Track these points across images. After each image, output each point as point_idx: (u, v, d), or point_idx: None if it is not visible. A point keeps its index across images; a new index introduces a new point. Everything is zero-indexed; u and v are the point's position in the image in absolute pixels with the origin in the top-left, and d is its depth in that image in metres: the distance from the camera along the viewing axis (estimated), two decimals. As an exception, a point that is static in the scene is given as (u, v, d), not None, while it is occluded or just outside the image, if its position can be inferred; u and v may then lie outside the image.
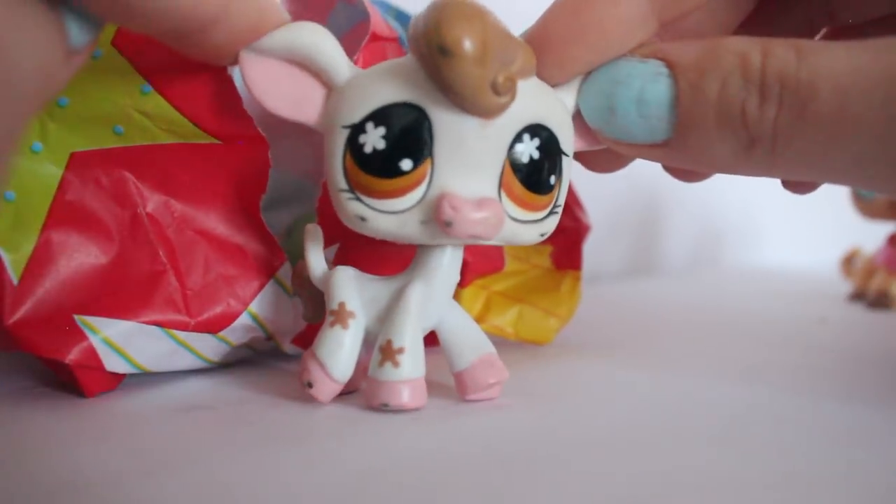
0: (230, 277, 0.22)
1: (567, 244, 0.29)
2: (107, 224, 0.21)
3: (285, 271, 0.23)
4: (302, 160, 0.28)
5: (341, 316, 0.20)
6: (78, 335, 0.20)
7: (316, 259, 0.21)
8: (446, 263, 0.20)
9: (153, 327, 0.21)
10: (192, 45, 0.17)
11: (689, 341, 0.31)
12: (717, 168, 0.18)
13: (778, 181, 0.20)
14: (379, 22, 0.24)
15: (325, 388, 0.19)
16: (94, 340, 0.20)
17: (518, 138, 0.18)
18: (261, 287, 0.22)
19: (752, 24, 0.21)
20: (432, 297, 0.20)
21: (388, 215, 0.18)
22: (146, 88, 0.20)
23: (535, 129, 0.18)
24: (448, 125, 0.17)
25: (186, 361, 0.22)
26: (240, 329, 0.22)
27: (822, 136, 0.16)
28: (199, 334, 0.22)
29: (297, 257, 0.24)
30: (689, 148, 0.18)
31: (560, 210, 0.20)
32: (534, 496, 0.14)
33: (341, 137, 0.18)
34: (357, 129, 0.18)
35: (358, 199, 0.18)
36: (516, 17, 0.19)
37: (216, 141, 0.21)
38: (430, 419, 0.19)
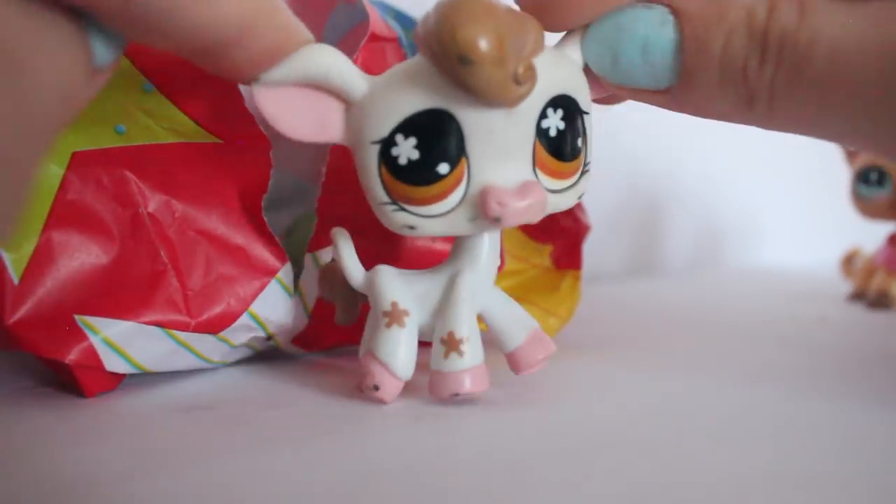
0: (231, 277, 0.22)
1: (567, 244, 0.29)
2: (108, 224, 0.21)
3: (286, 271, 0.23)
4: (302, 160, 0.28)
5: (396, 315, 0.20)
6: (78, 335, 0.20)
7: (353, 263, 0.21)
8: (487, 249, 0.20)
9: (153, 327, 0.21)
10: (212, 63, 0.17)
11: (689, 341, 0.31)
12: (718, 118, 0.18)
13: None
14: (378, 22, 0.24)
15: (391, 389, 0.20)
16: (95, 340, 0.20)
17: (543, 114, 0.18)
18: (262, 287, 0.22)
19: None
20: (479, 284, 0.20)
21: (435, 219, 0.18)
22: (148, 87, 0.20)
23: (558, 101, 0.18)
24: (476, 122, 0.18)
25: (186, 361, 0.22)
26: (240, 329, 0.22)
27: (815, 97, 0.16)
28: (200, 334, 0.22)
29: (298, 257, 0.24)
30: (691, 96, 0.18)
31: (590, 167, 0.20)
32: (533, 496, 0.14)
33: (373, 153, 0.18)
34: (387, 143, 0.18)
35: (402, 209, 0.18)
36: None
37: (218, 140, 0.21)
38: (429, 419, 0.19)
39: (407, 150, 0.18)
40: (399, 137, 0.18)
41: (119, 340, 0.20)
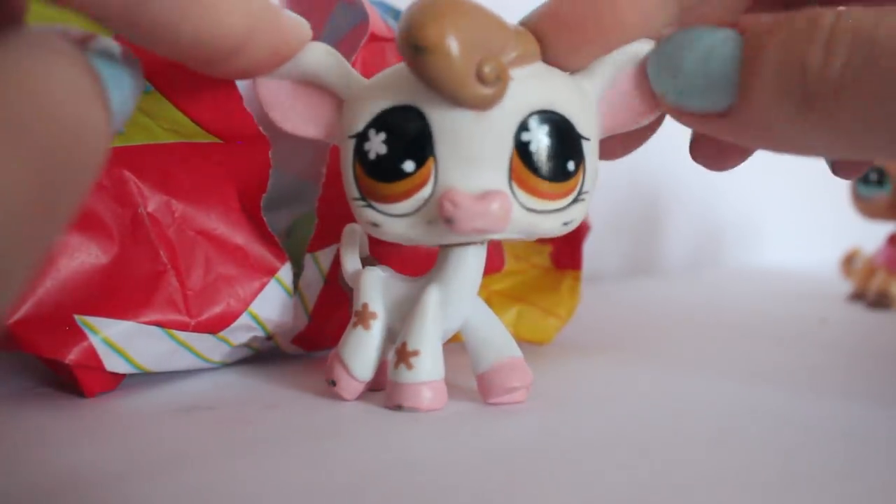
0: (231, 277, 0.22)
1: (567, 244, 0.29)
2: (107, 224, 0.21)
3: (286, 271, 0.23)
4: (302, 160, 0.28)
5: (363, 317, 0.20)
6: (78, 335, 0.20)
7: (350, 258, 0.21)
8: (466, 264, 0.19)
9: (153, 327, 0.21)
10: (216, 70, 0.17)
11: (689, 341, 0.31)
12: (774, 138, 0.17)
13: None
14: (378, 22, 0.24)
15: (349, 387, 0.20)
16: (95, 340, 0.20)
17: (524, 126, 0.18)
18: (261, 287, 0.22)
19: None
20: (451, 299, 0.20)
21: (397, 219, 0.18)
22: (147, 87, 0.20)
23: (545, 115, 0.18)
24: (445, 122, 0.17)
25: (186, 361, 0.22)
26: (240, 329, 0.22)
27: (883, 92, 0.15)
28: (200, 334, 0.22)
29: (298, 257, 0.24)
30: (750, 113, 0.17)
31: (587, 197, 0.19)
32: (533, 496, 0.14)
33: (349, 147, 0.18)
34: (362, 138, 0.18)
35: (370, 205, 0.18)
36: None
37: (217, 140, 0.21)
38: (428, 421, 0.19)
39: (377, 144, 0.18)
40: (371, 132, 0.18)
41: (119, 340, 0.20)
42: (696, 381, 0.23)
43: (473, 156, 0.18)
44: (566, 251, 0.30)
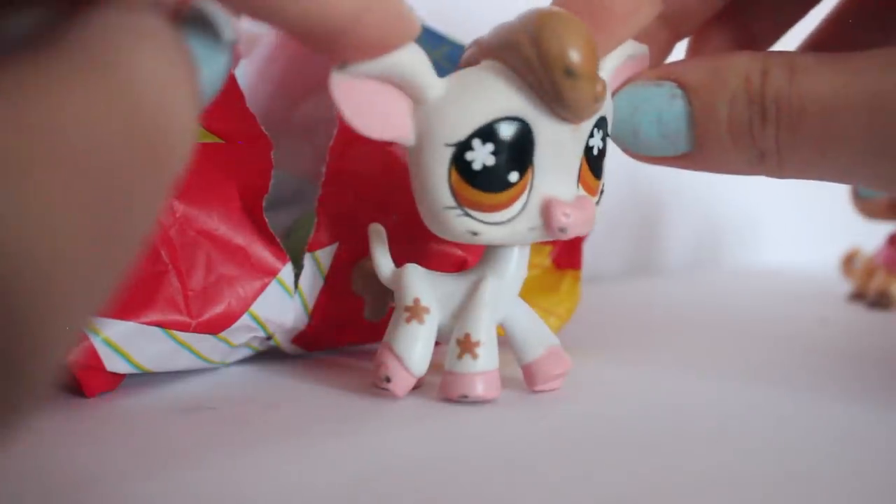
0: (232, 278, 0.22)
1: (567, 243, 0.29)
2: (107, 224, 0.21)
3: (287, 272, 0.23)
4: (302, 160, 0.28)
5: (417, 311, 0.20)
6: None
7: (383, 259, 0.22)
8: (516, 260, 0.20)
9: (154, 328, 0.21)
10: (322, 48, 0.16)
11: (689, 341, 0.31)
12: (736, 173, 0.20)
13: (778, 181, 0.21)
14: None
15: (403, 383, 0.20)
16: (95, 341, 0.20)
17: (591, 133, 0.19)
18: (263, 287, 0.22)
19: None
20: (503, 293, 0.20)
21: (498, 226, 0.19)
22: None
23: (601, 122, 0.19)
24: (549, 133, 0.18)
25: (187, 361, 0.22)
26: (240, 329, 0.22)
27: (814, 150, 0.18)
28: (200, 335, 0.22)
29: (298, 257, 0.24)
30: (709, 159, 0.19)
31: (604, 187, 0.21)
32: (534, 494, 0.14)
33: (445, 155, 0.18)
34: (463, 147, 0.18)
35: (467, 214, 0.19)
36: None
37: (219, 140, 0.21)
38: (431, 419, 0.19)
39: (483, 155, 0.18)
40: (476, 142, 0.18)
41: (119, 340, 0.20)
42: (695, 381, 0.23)
43: (565, 164, 0.19)
44: (566, 251, 0.30)
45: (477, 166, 0.18)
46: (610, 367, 0.25)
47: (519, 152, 0.18)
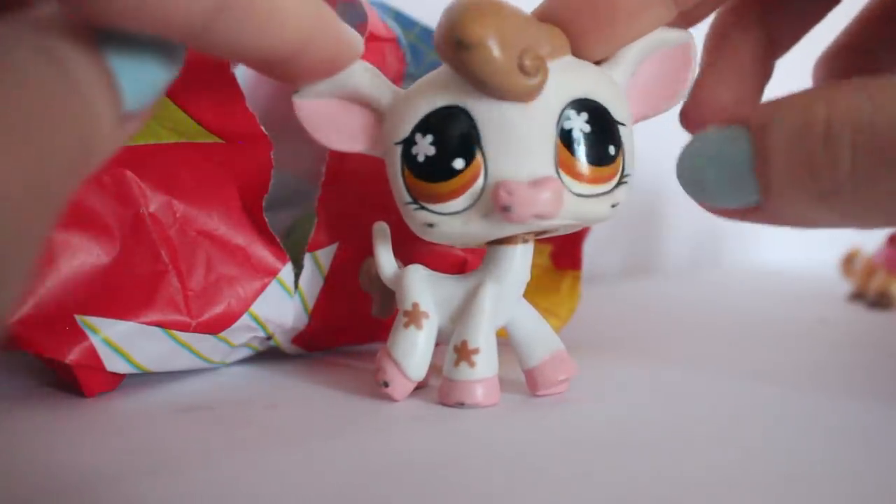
0: (232, 278, 0.22)
1: (567, 244, 0.29)
2: (109, 224, 0.21)
3: (287, 272, 0.23)
4: (302, 160, 0.28)
5: (415, 316, 0.20)
6: (79, 335, 0.20)
7: (386, 258, 0.21)
8: (517, 261, 0.20)
9: (154, 328, 0.21)
10: (273, 74, 0.17)
11: (689, 341, 0.31)
12: (811, 224, 0.18)
13: None
14: (377, 23, 0.24)
15: (401, 388, 0.20)
16: (95, 340, 0.20)
17: (565, 115, 0.18)
18: (263, 288, 0.22)
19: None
20: (504, 296, 0.20)
21: (452, 217, 0.19)
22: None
23: (582, 104, 0.18)
24: (490, 116, 0.18)
25: (186, 361, 0.22)
26: (240, 329, 0.22)
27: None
28: (200, 335, 0.22)
29: (298, 257, 0.24)
30: (777, 208, 0.17)
31: (629, 179, 0.20)
32: (533, 496, 0.14)
33: (396, 154, 0.19)
34: (408, 143, 0.19)
35: (422, 207, 0.19)
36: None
37: (219, 140, 0.21)
38: (429, 419, 0.19)
39: (424, 146, 0.18)
40: (418, 136, 0.18)
41: (119, 340, 0.20)
42: (696, 381, 0.23)
43: (521, 147, 0.18)
44: (566, 251, 0.30)
45: (420, 158, 0.18)
46: (610, 368, 0.25)
47: (460, 139, 0.18)
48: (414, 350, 0.20)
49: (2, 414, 0.19)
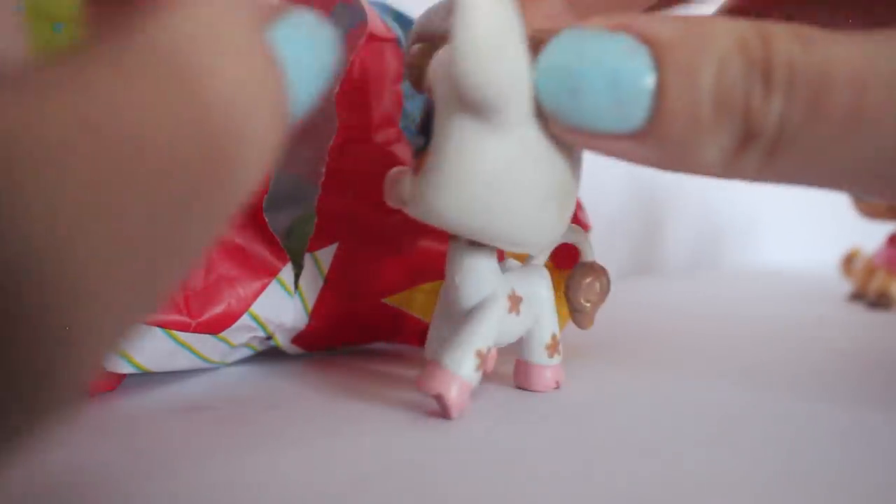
0: (232, 278, 0.22)
1: (567, 244, 0.29)
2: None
3: (287, 272, 0.23)
4: (302, 160, 0.28)
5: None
6: (78, 335, 0.20)
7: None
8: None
9: (154, 328, 0.21)
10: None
11: (689, 341, 0.31)
12: (694, 168, 0.15)
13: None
14: (376, 22, 0.24)
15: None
16: (95, 340, 0.20)
17: None
18: (262, 288, 0.22)
19: None
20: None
21: None
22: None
23: None
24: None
25: (186, 361, 0.22)
26: (240, 329, 0.22)
27: (835, 131, 0.14)
28: (200, 335, 0.22)
29: (298, 257, 0.24)
30: (669, 142, 0.15)
31: None
32: (533, 495, 0.14)
33: None
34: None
35: None
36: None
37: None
38: (427, 421, 0.19)
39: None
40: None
41: (119, 340, 0.20)
42: (695, 381, 0.23)
43: None
44: (566, 251, 0.30)
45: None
46: (610, 368, 0.25)
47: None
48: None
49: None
